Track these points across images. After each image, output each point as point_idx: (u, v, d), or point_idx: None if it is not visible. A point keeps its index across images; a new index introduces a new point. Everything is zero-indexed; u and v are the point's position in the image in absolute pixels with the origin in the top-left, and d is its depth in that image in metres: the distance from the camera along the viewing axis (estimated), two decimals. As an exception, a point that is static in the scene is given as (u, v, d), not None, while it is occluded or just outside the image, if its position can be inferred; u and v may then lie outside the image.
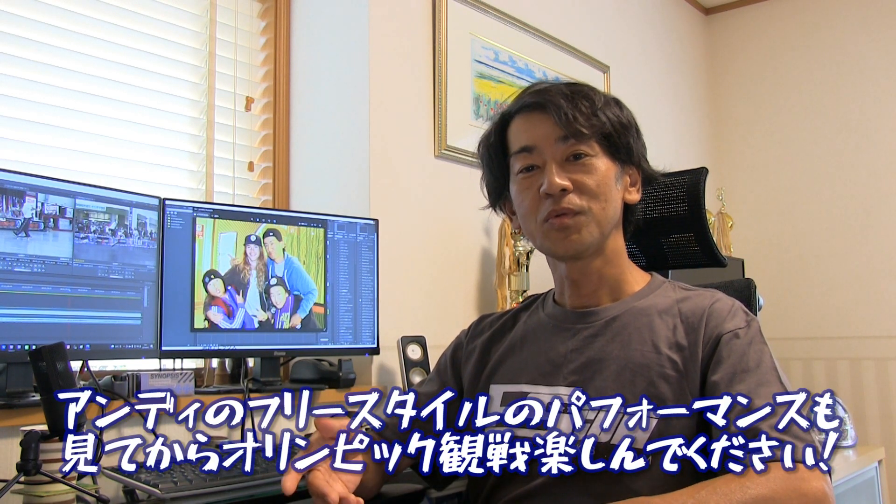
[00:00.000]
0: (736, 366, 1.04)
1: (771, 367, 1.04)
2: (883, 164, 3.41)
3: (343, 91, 2.19)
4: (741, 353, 1.05)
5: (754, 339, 1.07)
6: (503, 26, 2.57)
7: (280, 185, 2.26)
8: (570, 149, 1.12)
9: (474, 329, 1.32)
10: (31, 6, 1.79)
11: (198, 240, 1.69)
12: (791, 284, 3.54)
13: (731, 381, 1.02)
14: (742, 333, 1.07)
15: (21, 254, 1.37)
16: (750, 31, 3.82)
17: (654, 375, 1.07)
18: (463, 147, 2.33)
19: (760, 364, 1.04)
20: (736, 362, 1.04)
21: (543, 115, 1.13)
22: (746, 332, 1.08)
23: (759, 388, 1.00)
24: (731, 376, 1.03)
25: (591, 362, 1.12)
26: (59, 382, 1.12)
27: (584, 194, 1.11)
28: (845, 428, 2.73)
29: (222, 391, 1.81)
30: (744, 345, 1.06)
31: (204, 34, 2.13)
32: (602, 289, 1.18)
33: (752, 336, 1.07)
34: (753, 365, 1.04)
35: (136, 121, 1.96)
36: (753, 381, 1.01)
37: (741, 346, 1.06)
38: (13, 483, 1.12)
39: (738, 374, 1.03)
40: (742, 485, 0.90)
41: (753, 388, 1.00)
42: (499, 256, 2.36)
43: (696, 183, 1.41)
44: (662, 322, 1.12)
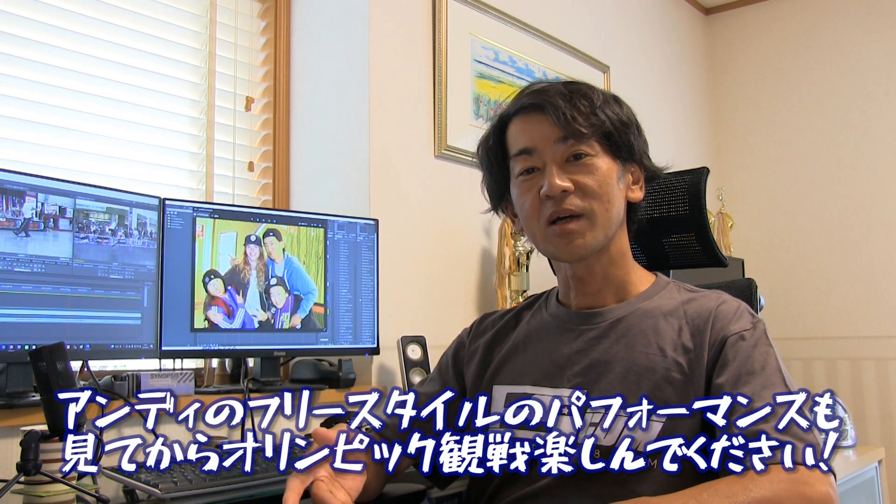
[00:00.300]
0: (741, 368, 1.03)
1: (776, 369, 1.03)
2: (883, 164, 3.41)
3: (343, 91, 2.19)
4: (746, 355, 1.04)
5: (760, 341, 1.06)
6: (503, 26, 2.57)
7: (280, 185, 2.26)
8: (570, 149, 1.10)
9: (476, 328, 1.31)
10: (31, 6, 1.79)
11: (198, 240, 1.69)
12: (791, 284, 3.54)
13: (735, 384, 1.01)
14: (748, 335, 1.06)
15: (21, 254, 1.37)
16: (750, 31, 3.82)
17: (659, 378, 1.06)
18: (463, 147, 2.33)
19: (766, 366, 1.03)
20: (741, 364, 1.03)
21: (542, 116, 1.12)
22: (752, 333, 1.07)
23: (763, 391, 1.00)
24: (736, 379, 1.02)
25: (596, 364, 1.11)
26: (59, 382, 1.12)
27: (585, 195, 1.10)
28: (845, 428, 2.73)
29: (222, 391, 1.81)
30: (749, 347, 1.05)
31: (204, 34, 2.13)
32: (607, 289, 1.17)
33: (757, 338, 1.06)
34: (759, 367, 1.03)
35: (136, 121, 1.96)
36: (758, 384, 1.01)
37: (746, 348, 1.05)
38: (13, 483, 1.12)
39: (742, 376, 1.02)
40: (745, 486, 0.89)
41: (758, 391, 1.00)
42: (499, 256, 2.36)
43: (697, 183, 1.41)
44: (668, 324, 1.11)
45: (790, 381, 1.03)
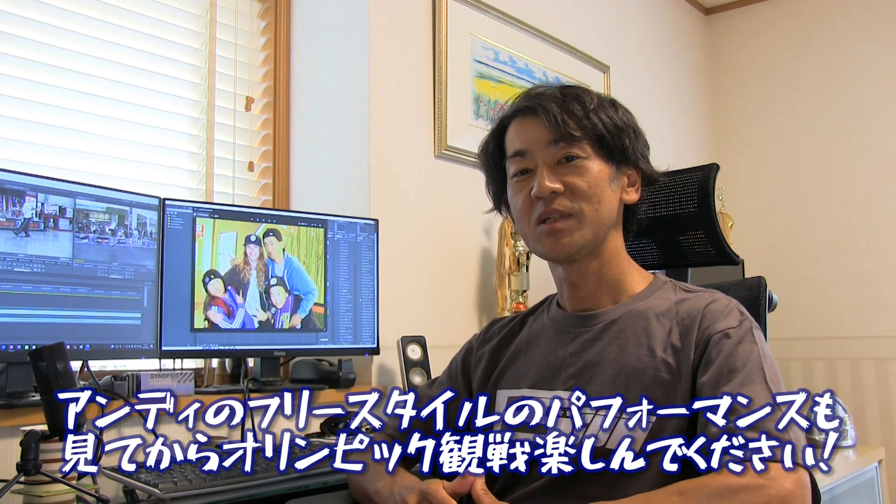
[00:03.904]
0: (722, 366, 1.03)
1: (758, 367, 1.02)
2: (883, 164, 3.41)
3: (343, 91, 2.19)
4: (729, 353, 1.04)
5: (744, 339, 1.05)
6: (503, 26, 2.58)
7: (280, 185, 2.26)
8: (561, 152, 1.12)
9: (484, 334, 1.32)
10: (31, 6, 1.79)
11: (198, 240, 1.69)
12: (791, 284, 3.54)
13: (716, 383, 1.01)
14: (733, 333, 1.06)
15: (21, 254, 1.37)
16: (750, 31, 3.82)
17: (648, 380, 1.06)
18: (463, 147, 2.33)
19: (747, 364, 1.02)
20: (723, 363, 1.03)
21: (535, 120, 1.14)
22: (737, 331, 1.06)
23: (742, 388, 0.99)
24: (717, 378, 1.02)
25: (588, 366, 1.12)
26: (59, 382, 1.12)
27: (575, 196, 1.11)
28: (845, 428, 2.73)
29: (222, 391, 1.81)
30: (732, 344, 1.05)
31: (204, 34, 2.13)
32: (601, 290, 1.18)
33: (741, 335, 1.06)
34: (740, 365, 1.02)
35: (136, 121, 1.96)
36: (737, 382, 1.00)
37: (730, 345, 1.05)
38: (13, 483, 1.12)
39: (723, 374, 1.02)
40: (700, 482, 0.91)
41: (736, 389, 0.99)
42: (499, 256, 2.36)
43: (706, 179, 1.40)
44: (660, 325, 1.12)
45: (774, 379, 1.01)
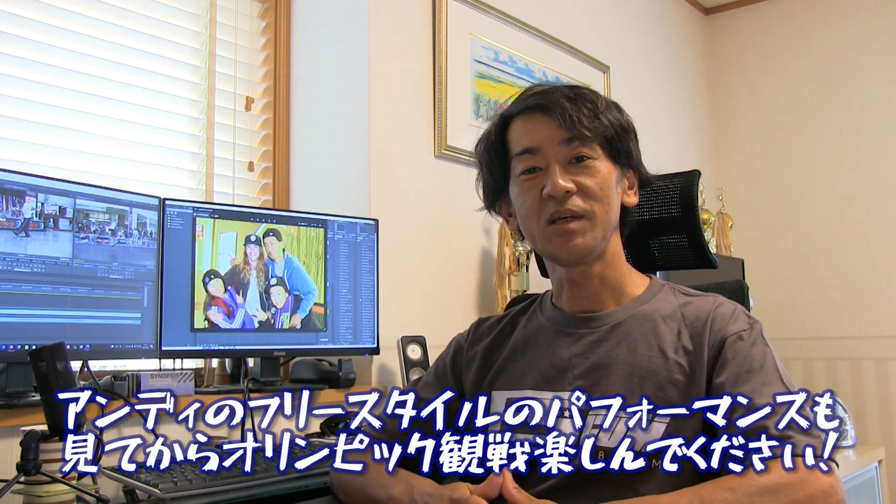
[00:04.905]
0: (740, 367, 1.05)
1: (774, 368, 1.05)
2: (883, 164, 3.41)
3: (343, 91, 2.19)
4: (745, 354, 1.06)
5: (757, 341, 1.08)
6: (503, 26, 2.58)
7: (280, 185, 2.26)
8: (574, 151, 1.11)
9: (473, 334, 1.30)
10: (31, 6, 1.79)
11: (198, 240, 1.69)
12: (791, 284, 3.54)
13: (735, 382, 1.03)
14: (746, 335, 1.08)
15: (21, 254, 1.37)
16: (750, 31, 3.82)
17: (662, 380, 1.07)
18: (463, 147, 2.33)
19: (764, 365, 1.05)
20: (740, 363, 1.05)
21: (546, 117, 1.12)
22: (750, 333, 1.09)
23: (762, 388, 1.01)
24: (736, 377, 1.04)
25: (598, 367, 1.11)
26: (59, 382, 1.12)
27: (587, 197, 1.11)
28: (845, 428, 2.73)
29: (222, 391, 1.81)
30: (747, 346, 1.07)
31: (204, 34, 2.13)
32: (604, 292, 1.18)
33: (755, 338, 1.08)
34: (757, 366, 1.04)
35: (136, 121, 1.96)
36: (758, 382, 1.02)
37: (745, 347, 1.07)
38: (13, 483, 1.12)
39: (742, 374, 1.04)
40: (746, 480, 0.92)
41: (758, 388, 1.01)
42: (499, 256, 2.36)
43: (689, 185, 1.41)
44: (667, 327, 1.12)
45: (788, 379, 1.04)
